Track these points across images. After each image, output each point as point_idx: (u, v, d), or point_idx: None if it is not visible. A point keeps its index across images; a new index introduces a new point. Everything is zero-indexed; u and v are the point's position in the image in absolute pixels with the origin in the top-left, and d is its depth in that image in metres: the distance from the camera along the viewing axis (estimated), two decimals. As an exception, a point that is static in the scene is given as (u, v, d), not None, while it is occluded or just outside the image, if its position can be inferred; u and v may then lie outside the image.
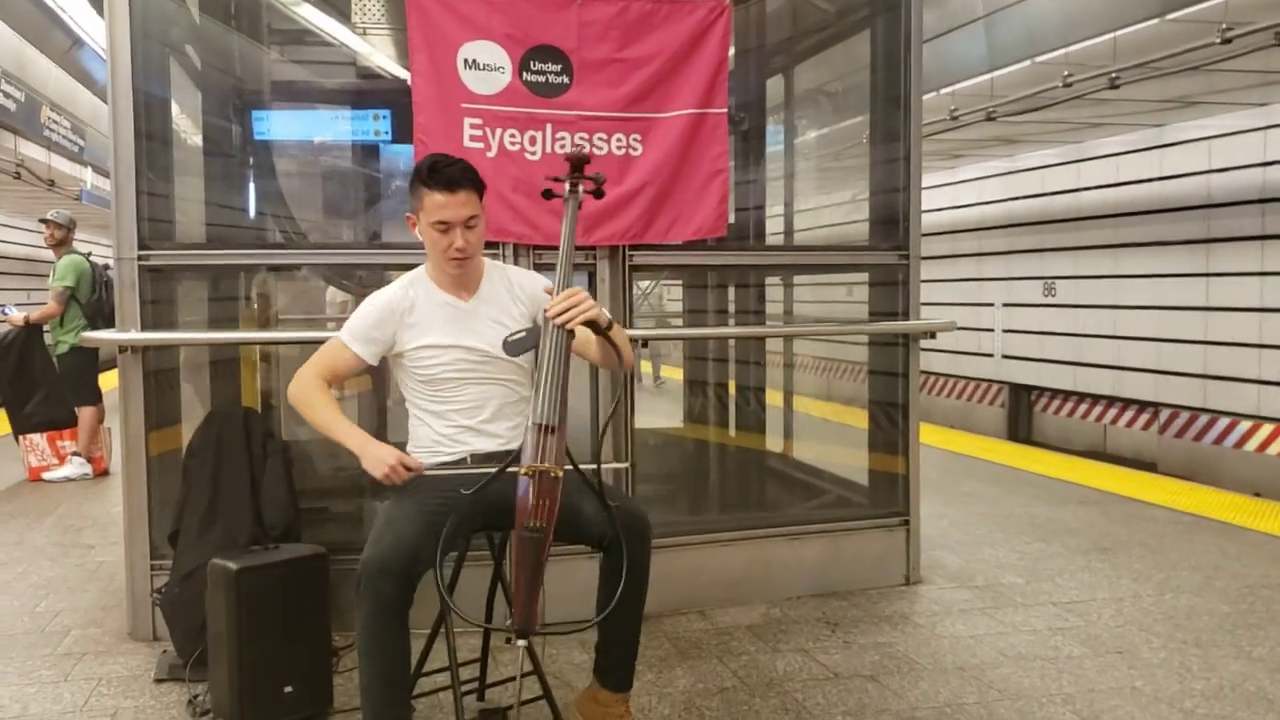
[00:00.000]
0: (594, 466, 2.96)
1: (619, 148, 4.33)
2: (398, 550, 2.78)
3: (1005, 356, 13.06)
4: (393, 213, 5.61)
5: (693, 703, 3.67)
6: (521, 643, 2.80)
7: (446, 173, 3.04)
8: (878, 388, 5.20)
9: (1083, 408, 12.12)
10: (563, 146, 4.26)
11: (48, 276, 8.09)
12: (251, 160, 5.37)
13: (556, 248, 3.28)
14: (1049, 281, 12.40)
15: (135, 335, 4.17)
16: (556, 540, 2.86)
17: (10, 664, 4.07)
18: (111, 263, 4.39)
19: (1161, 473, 9.70)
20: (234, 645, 3.36)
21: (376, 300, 3.18)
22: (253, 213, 5.33)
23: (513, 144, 4.24)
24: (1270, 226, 9.49)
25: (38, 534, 6.20)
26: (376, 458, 2.95)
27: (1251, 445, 9.80)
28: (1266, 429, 9.63)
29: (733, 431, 6.34)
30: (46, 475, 7.87)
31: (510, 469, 2.88)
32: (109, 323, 8.04)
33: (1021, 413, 13.07)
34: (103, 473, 8.06)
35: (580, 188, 3.26)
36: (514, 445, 3.07)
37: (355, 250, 5.13)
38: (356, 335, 3.14)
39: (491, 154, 4.22)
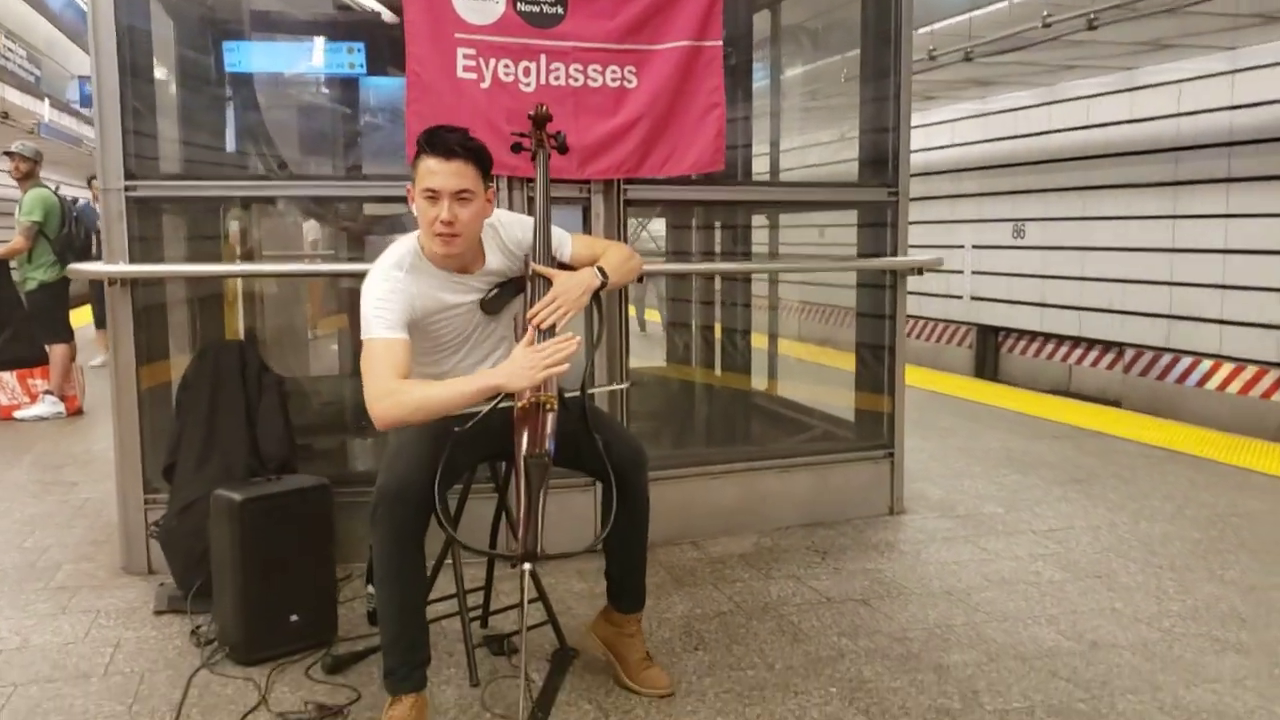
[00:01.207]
0: (589, 392, 3.02)
1: (614, 80, 4.34)
2: (413, 475, 2.81)
3: (974, 298, 13.20)
4: (376, 146, 5.59)
5: (691, 626, 3.76)
6: (527, 567, 2.84)
7: (445, 139, 2.91)
8: (865, 325, 5.27)
9: (1049, 348, 12.29)
10: (557, 78, 4.27)
11: (12, 213, 7.98)
12: (231, 92, 5.32)
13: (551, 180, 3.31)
14: (1019, 223, 12.52)
15: (124, 268, 4.13)
16: (557, 466, 2.91)
17: (2, 598, 4.07)
18: (83, 197, 4.36)
19: (1125, 410, 9.89)
20: (239, 575, 3.40)
21: (385, 286, 2.96)
22: (233, 145, 5.28)
23: (506, 75, 4.23)
24: (1236, 169, 9.62)
25: (17, 472, 6.18)
26: (523, 368, 2.81)
27: (1213, 384, 9.99)
28: (1227, 368, 9.82)
29: (719, 371, 6.41)
30: (18, 414, 7.79)
31: (506, 403, 2.92)
32: (79, 257, 7.97)
33: (989, 353, 13.24)
34: (76, 411, 8.01)
35: (545, 145, 3.30)
36: None
37: (339, 181, 5.11)
38: (390, 325, 2.90)
39: (485, 85, 4.22)
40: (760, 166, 6.23)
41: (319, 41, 5.55)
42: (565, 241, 3.26)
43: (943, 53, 9.65)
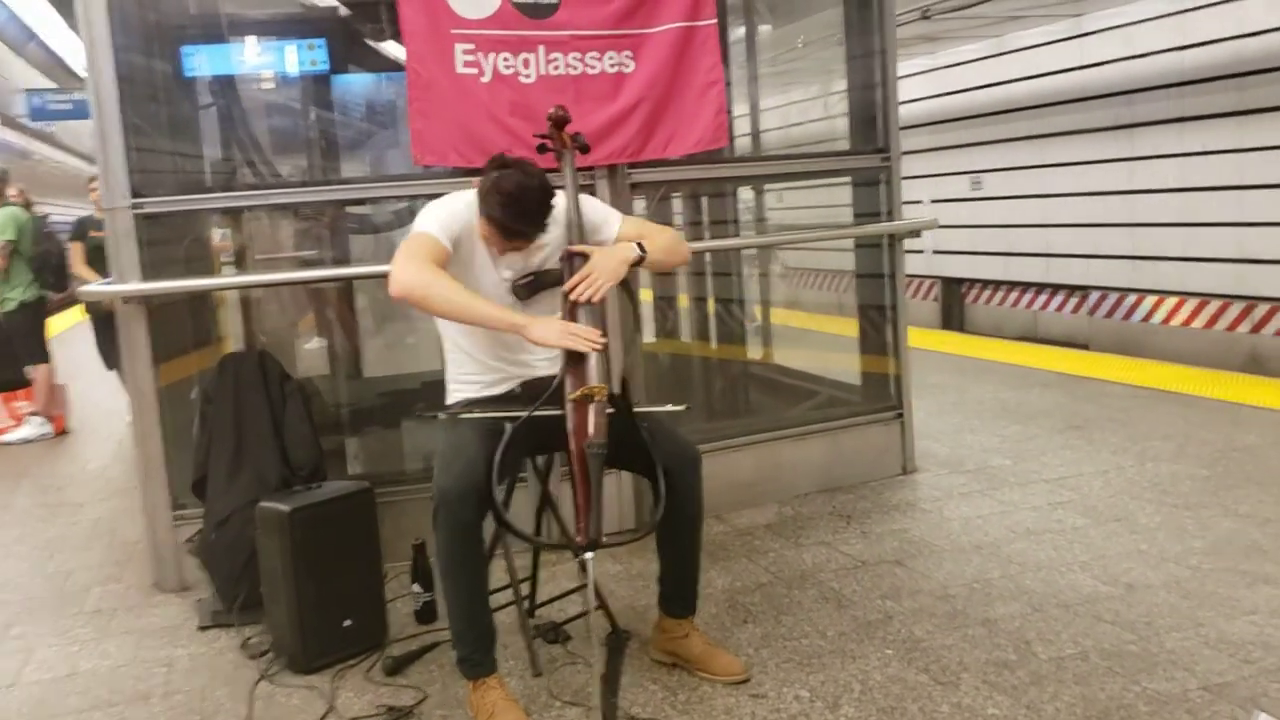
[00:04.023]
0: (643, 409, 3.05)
1: (611, 65, 4.35)
2: (473, 474, 2.83)
3: (936, 252, 13.33)
4: (379, 145, 5.56)
5: (735, 600, 3.82)
6: (589, 555, 2.86)
7: (518, 230, 3.00)
8: (865, 289, 5.34)
9: (1013, 295, 12.46)
10: (556, 68, 4.27)
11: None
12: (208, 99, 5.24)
13: (556, 169, 3.31)
14: (976, 175, 12.66)
15: (137, 286, 4.10)
16: (607, 466, 2.93)
17: (42, 626, 4.04)
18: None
19: (1094, 352, 10.06)
20: (292, 584, 3.40)
21: (448, 203, 3.09)
22: (222, 154, 5.21)
23: (506, 68, 4.23)
24: (1188, 109, 9.78)
25: (19, 496, 6.11)
26: (552, 328, 2.90)
27: (1178, 320, 10.19)
28: (1191, 304, 10.02)
29: (717, 344, 6.44)
30: (5, 438, 7.68)
31: (548, 410, 2.94)
32: (56, 275, 7.87)
33: (954, 305, 13.41)
34: (63, 431, 7.91)
35: (569, 146, 3.34)
36: (554, 370, 3.14)
37: (354, 185, 5.06)
38: (444, 229, 2.99)
39: (486, 79, 4.21)
40: (741, 128, 6.23)
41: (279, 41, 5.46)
42: (613, 220, 3.30)
43: (902, 12, 9.70)
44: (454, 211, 3.08)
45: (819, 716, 2.96)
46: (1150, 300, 10.50)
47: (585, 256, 3.07)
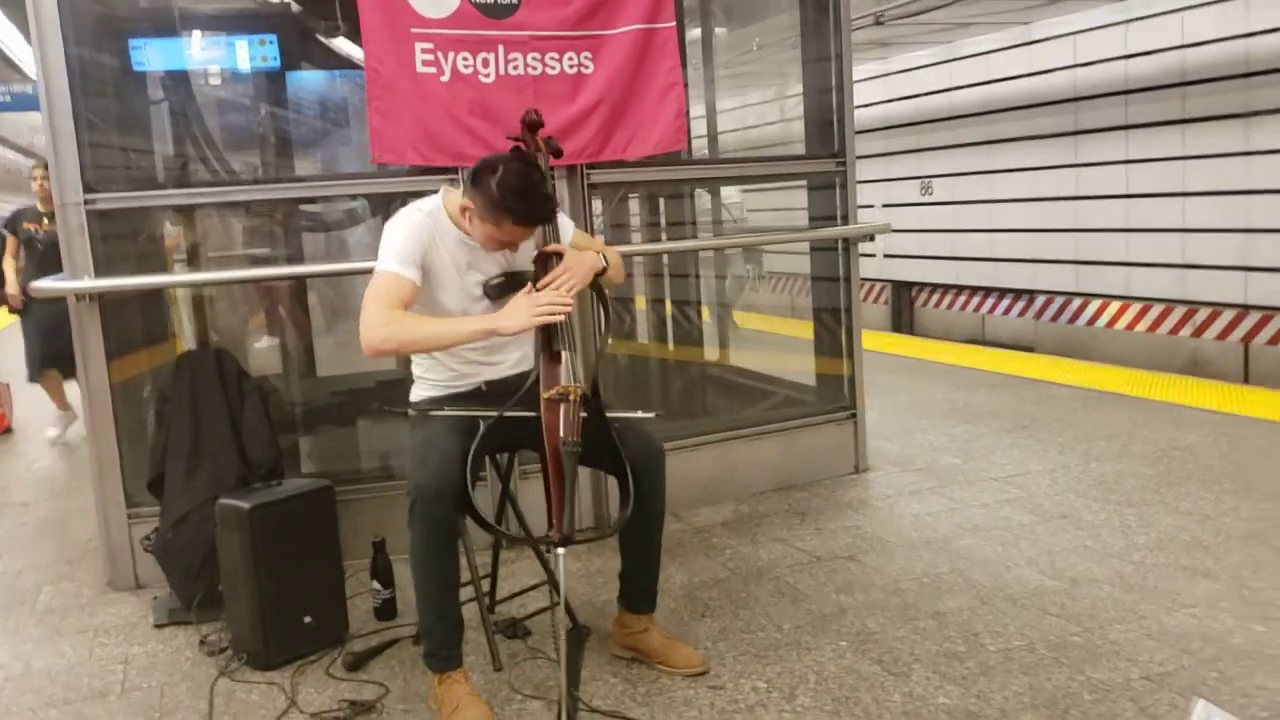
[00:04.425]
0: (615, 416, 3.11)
1: (571, 66, 4.39)
2: (449, 471, 2.87)
3: (887, 256, 13.49)
4: (335, 142, 5.56)
5: (694, 595, 3.87)
6: (562, 551, 2.92)
7: (536, 214, 3.04)
8: (820, 292, 5.42)
9: (961, 299, 12.63)
10: (515, 68, 4.31)
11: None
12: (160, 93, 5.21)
13: None
14: (926, 180, 12.83)
15: (90, 283, 4.07)
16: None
17: (-8, 625, 4.03)
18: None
19: (1040, 355, 10.23)
20: (253, 581, 3.41)
21: (405, 224, 3.08)
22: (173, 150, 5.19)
23: (466, 67, 4.26)
24: (1133, 116, 9.96)
25: (-38, 496, 6.05)
26: (518, 310, 2.95)
27: (1121, 324, 10.38)
28: (1135, 308, 10.21)
29: (674, 345, 6.50)
30: (-53, 437, 7.59)
31: (518, 411, 3.01)
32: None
33: (904, 308, 13.58)
34: (6, 429, 7.82)
35: (543, 149, 3.39)
36: (520, 370, 3.20)
37: (313, 181, 5.07)
38: (405, 260, 2.99)
39: (445, 78, 4.24)
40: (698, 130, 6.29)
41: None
42: (569, 228, 3.36)
43: (856, 17, 9.81)
44: (413, 229, 3.06)
45: (775, 707, 3.02)
46: (1095, 304, 10.69)
47: (559, 256, 3.13)
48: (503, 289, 3.18)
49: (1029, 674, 3.14)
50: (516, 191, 2.95)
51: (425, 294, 3.10)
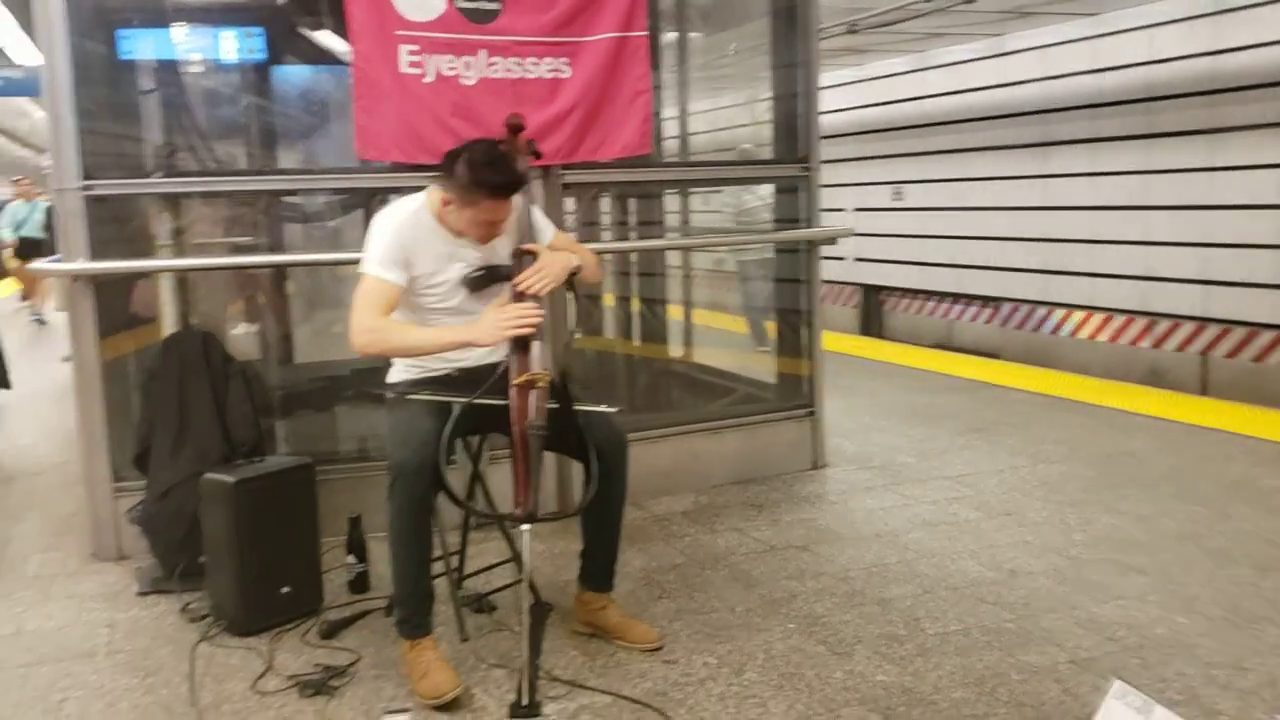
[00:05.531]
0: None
1: (549, 71, 4.59)
2: (427, 450, 3.07)
3: (857, 259, 13.73)
4: (331, 135, 5.70)
5: (651, 578, 4.08)
6: (527, 527, 3.12)
7: (505, 181, 3.21)
8: (782, 293, 5.63)
9: (929, 305, 12.88)
10: (496, 71, 4.49)
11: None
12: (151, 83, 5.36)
13: None
14: (897, 186, 13.07)
15: (85, 265, 4.26)
16: (544, 448, 3.20)
17: (-16, 589, 4.19)
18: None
19: (1004, 361, 10.47)
20: (235, 553, 3.59)
21: (388, 225, 3.27)
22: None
23: (449, 69, 4.44)
24: (1101, 130, 10.22)
25: (-52, 470, 6.18)
26: (491, 325, 3.17)
27: (1085, 333, 10.64)
28: (1098, 318, 10.47)
29: (640, 341, 6.69)
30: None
31: (490, 399, 3.19)
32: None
33: (873, 311, 13.82)
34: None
35: (525, 150, 3.58)
36: (492, 359, 3.39)
37: (302, 174, 5.23)
38: (388, 263, 3.20)
39: (429, 79, 4.42)
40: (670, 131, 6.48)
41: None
42: (549, 231, 3.58)
43: (827, 25, 10.02)
44: (395, 230, 3.26)
45: (724, 680, 3.23)
46: (1059, 313, 10.94)
47: (534, 255, 3.34)
48: (480, 281, 3.38)
49: (962, 655, 3.36)
50: (484, 163, 3.18)
51: (412, 287, 3.30)
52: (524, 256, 3.34)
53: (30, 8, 4.20)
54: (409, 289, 3.29)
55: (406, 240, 3.25)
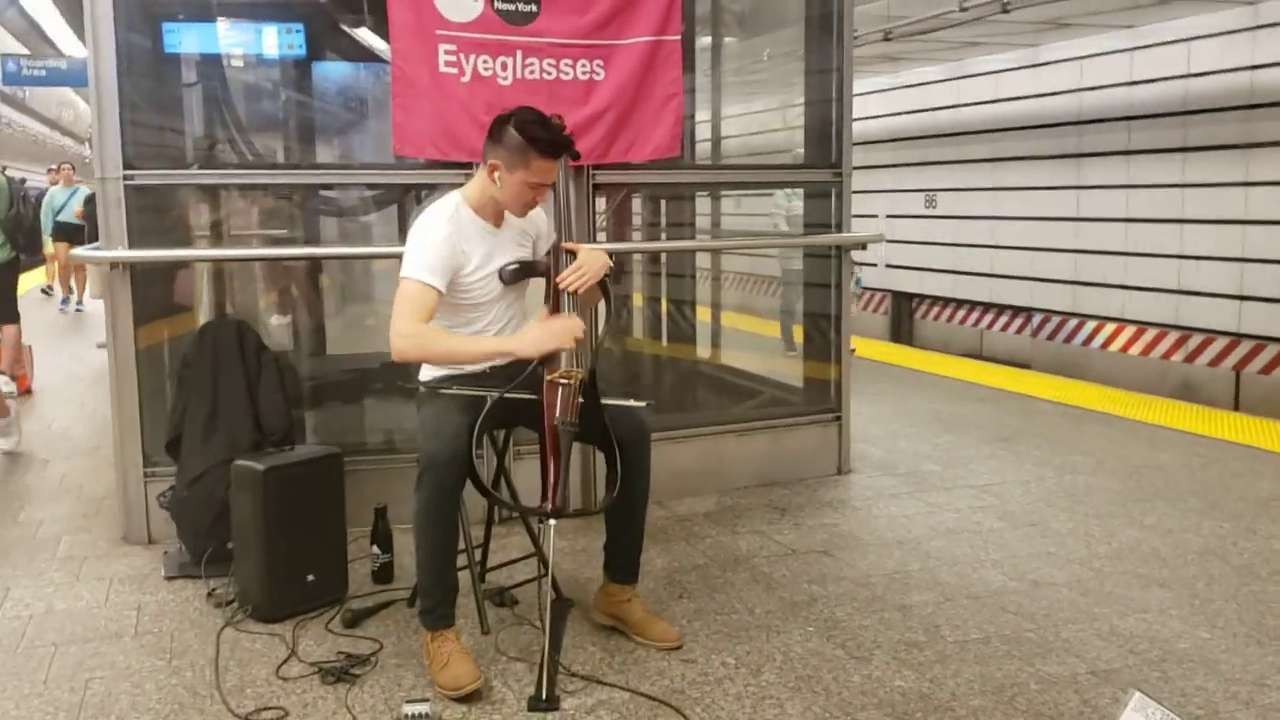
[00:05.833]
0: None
1: (584, 73, 4.62)
2: (458, 439, 3.10)
3: (889, 265, 13.71)
4: (368, 131, 5.78)
5: (673, 578, 4.10)
6: (553, 522, 3.17)
7: (560, 142, 3.26)
8: (812, 297, 5.64)
9: (961, 313, 12.85)
10: (532, 72, 4.54)
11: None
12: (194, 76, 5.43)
13: None
14: (930, 194, 13.05)
15: (124, 253, 4.34)
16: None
17: (17, 569, 4.26)
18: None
19: (1035, 372, 10.44)
20: (262, 540, 3.63)
21: (436, 233, 3.28)
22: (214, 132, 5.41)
23: (485, 70, 4.49)
24: (1136, 142, 10.18)
25: (-17, 451, 6.27)
26: (539, 338, 3.23)
27: (1116, 346, 10.59)
28: (1129, 331, 10.42)
29: (668, 342, 6.73)
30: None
31: (518, 394, 3.25)
32: (29, 238, 7.98)
33: (904, 319, 13.80)
34: (27, 390, 8.04)
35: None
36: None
37: (339, 169, 5.29)
38: (436, 271, 3.22)
39: (465, 79, 4.47)
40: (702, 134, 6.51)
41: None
42: (551, 236, 3.64)
43: (864, 33, 10.02)
44: (444, 239, 3.27)
45: (741, 680, 3.24)
46: (1091, 325, 10.89)
47: (573, 253, 3.39)
48: (517, 274, 3.42)
49: (981, 664, 3.36)
50: (535, 122, 3.24)
51: (453, 288, 3.33)
52: (563, 254, 3.38)
53: (80, 2, 4.28)
54: (455, 288, 3.33)
55: (455, 242, 3.28)
